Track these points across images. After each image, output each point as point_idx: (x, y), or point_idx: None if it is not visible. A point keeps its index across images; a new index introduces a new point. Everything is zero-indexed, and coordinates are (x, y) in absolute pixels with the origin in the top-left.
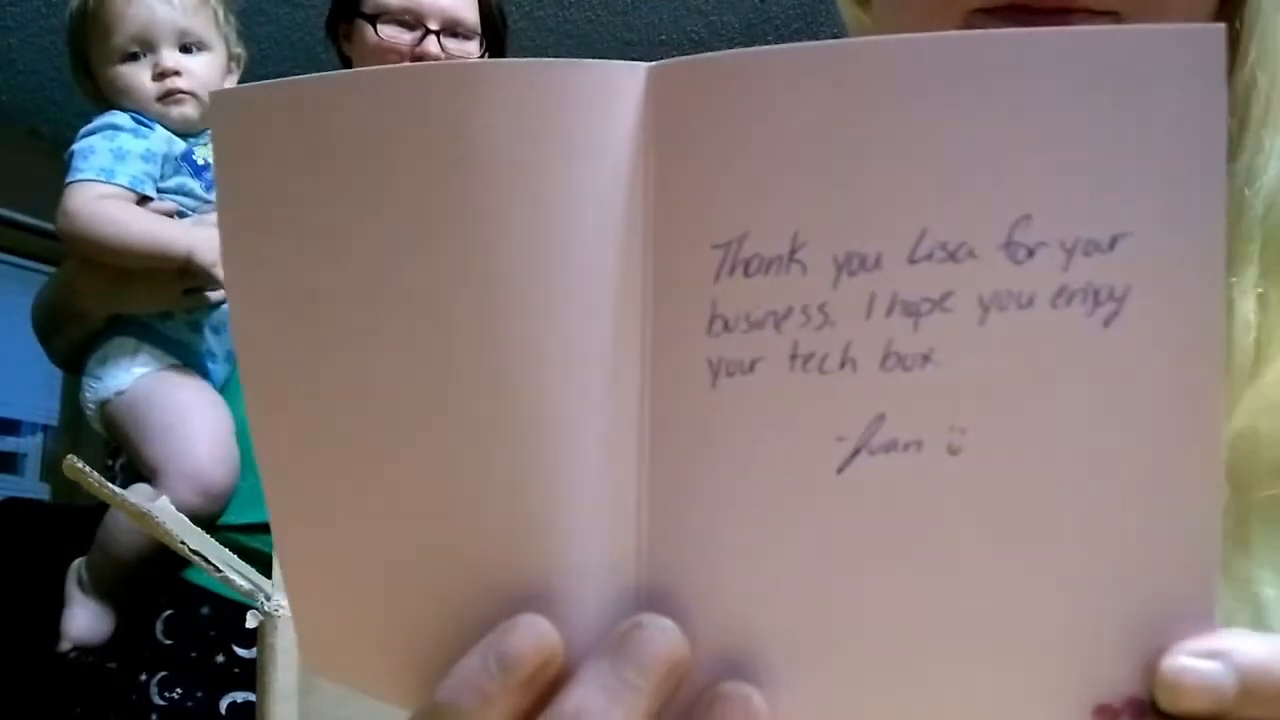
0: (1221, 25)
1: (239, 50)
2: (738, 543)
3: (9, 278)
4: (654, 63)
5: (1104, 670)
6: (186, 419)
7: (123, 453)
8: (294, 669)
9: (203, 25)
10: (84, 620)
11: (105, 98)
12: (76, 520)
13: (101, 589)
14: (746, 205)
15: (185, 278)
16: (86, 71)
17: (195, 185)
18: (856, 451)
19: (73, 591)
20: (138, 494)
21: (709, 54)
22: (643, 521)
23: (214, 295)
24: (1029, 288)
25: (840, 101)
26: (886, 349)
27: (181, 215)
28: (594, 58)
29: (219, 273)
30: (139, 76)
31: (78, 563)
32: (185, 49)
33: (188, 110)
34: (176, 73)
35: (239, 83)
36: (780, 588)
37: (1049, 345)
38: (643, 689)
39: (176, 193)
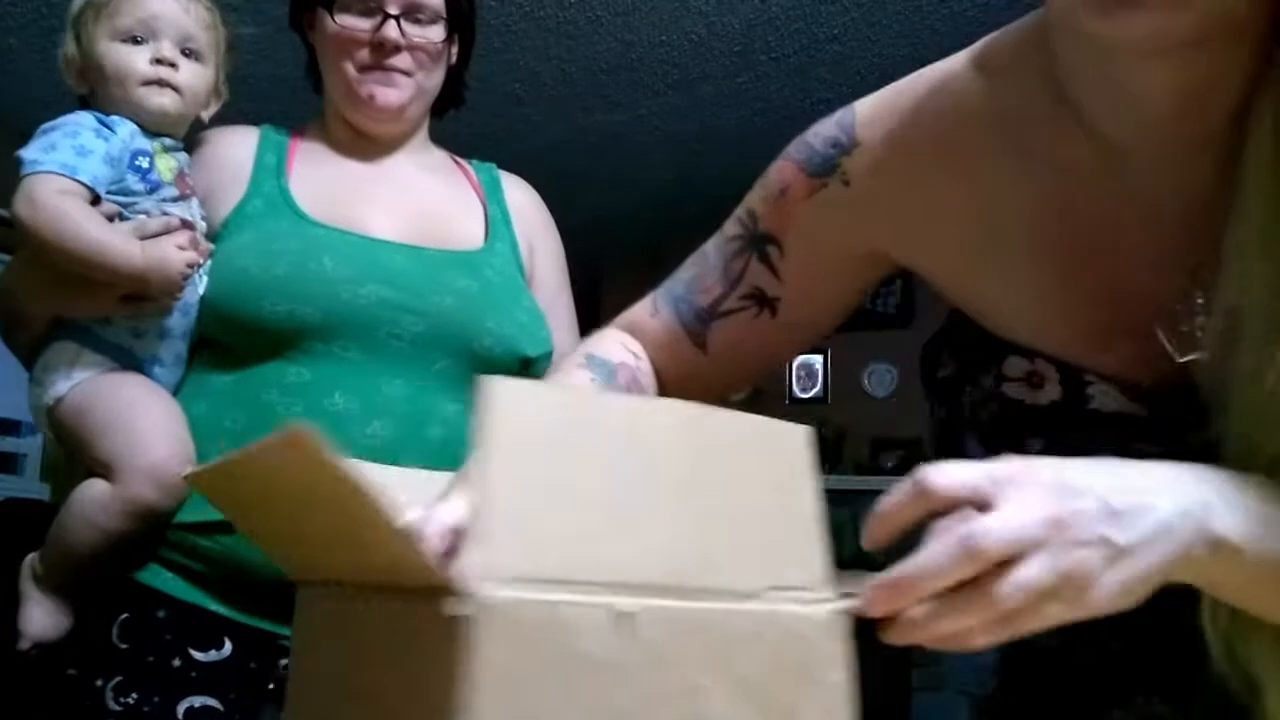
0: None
1: (224, 89)
2: None
3: None
4: None
5: None
6: (137, 413)
7: None
8: None
9: (206, 40)
10: (40, 617)
11: (85, 79)
12: None
13: (56, 584)
14: None
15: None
16: (78, 45)
17: (134, 182)
18: None
19: (27, 588)
20: (86, 491)
21: None
22: None
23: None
24: None
25: None
26: None
27: (123, 218)
28: (595, 58)
29: (168, 301)
30: (134, 57)
31: (31, 558)
32: (185, 53)
33: (167, 103)
34: (173, 64)
35: (222, 109)
36: None
37: None
38: None
39: (117, 193)
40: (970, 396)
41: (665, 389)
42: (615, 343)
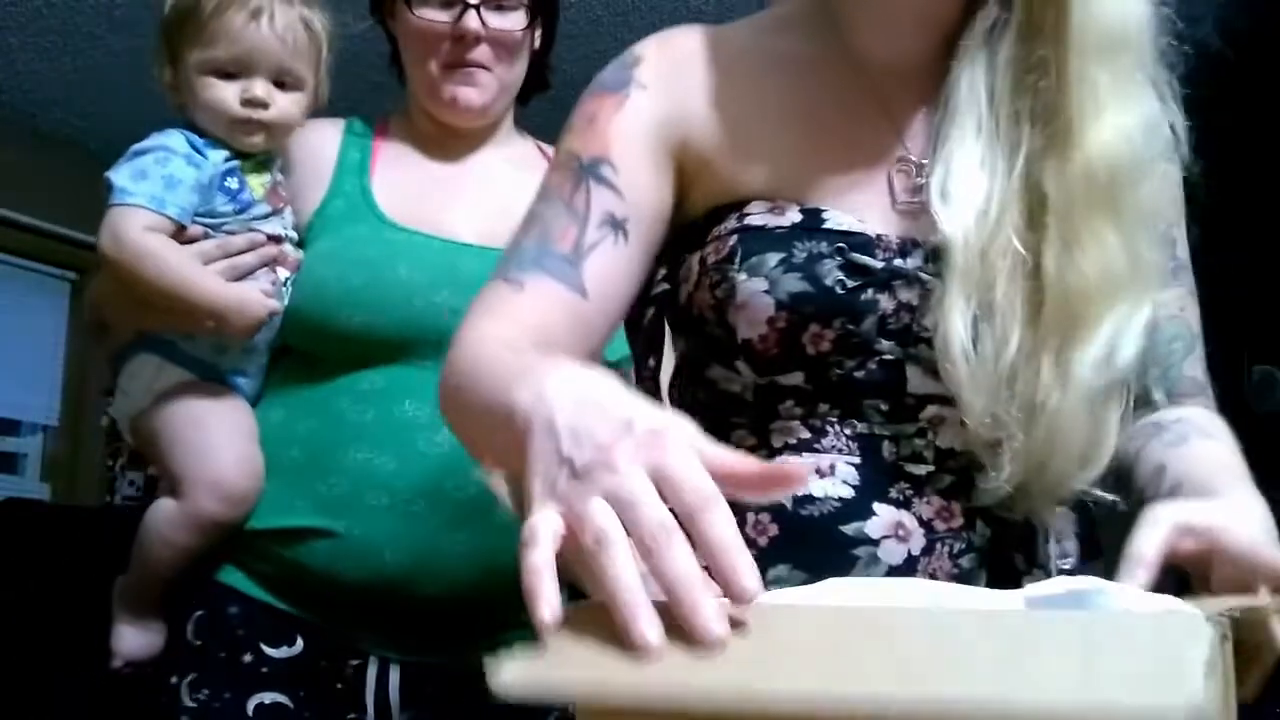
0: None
1: (325, 87)
2: None
3: (9, 278)
4: None
5: None
6: (205, 426)
7: (123, 453)
8: None
9: (303, 64)
10: (131, 636)
11: (177, 94)
12: (76, 520)
13: (143, 603)
14: None
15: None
16: (172, 66)
17: (223, 204)
18: None
19: (118, 609)
20: (158, 509)
21: None
22: None
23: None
24: None
25: None
26: None
27: (208, 236)
28: (595, 58)
29: (246, 338)
30: (225, 94)
31: (120, 580)
32: (280, 84)
33: (258, 141)
34: (265, 105)
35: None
36: None
37: None
38: None
39: (204, 214)
40: (707, 251)
41: (559, 353)
42: (522, 339)
